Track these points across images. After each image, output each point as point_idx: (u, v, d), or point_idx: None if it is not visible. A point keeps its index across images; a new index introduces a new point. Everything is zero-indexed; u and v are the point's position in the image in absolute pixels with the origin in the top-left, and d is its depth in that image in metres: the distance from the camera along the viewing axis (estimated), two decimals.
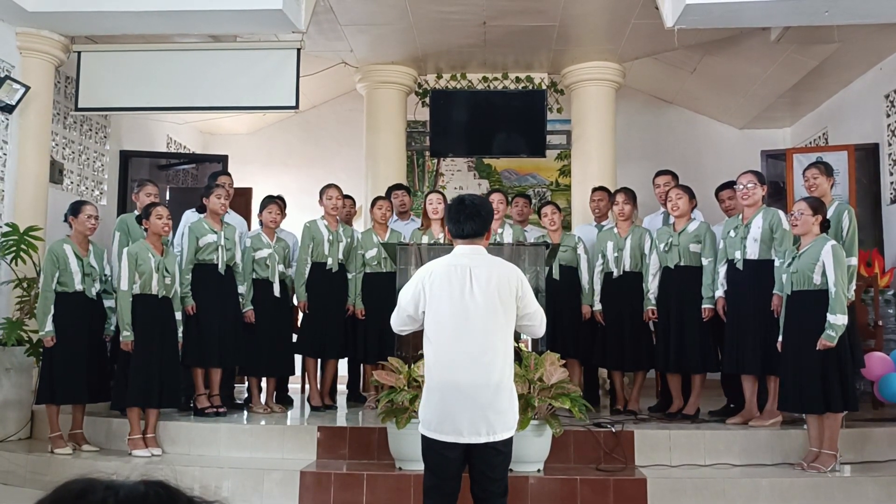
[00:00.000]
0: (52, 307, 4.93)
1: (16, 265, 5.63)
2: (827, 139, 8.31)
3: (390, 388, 4.41)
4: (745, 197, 5.00)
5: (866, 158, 7.33)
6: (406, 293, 3.07)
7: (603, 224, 6.25)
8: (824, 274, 4.32)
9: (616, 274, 5.67)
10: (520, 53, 7.98)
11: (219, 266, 5.41)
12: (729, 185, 5.57)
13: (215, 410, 5.31)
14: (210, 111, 7.68)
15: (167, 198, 7.56)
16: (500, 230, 5.92)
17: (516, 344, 4.00)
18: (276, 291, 5.73)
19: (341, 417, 5.71)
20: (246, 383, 6.20)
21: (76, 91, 6.59)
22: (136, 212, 5.53)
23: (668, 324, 5.37)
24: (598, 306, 5.75)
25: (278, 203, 5.90)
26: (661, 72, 8.49)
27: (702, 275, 5.26)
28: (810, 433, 4.47)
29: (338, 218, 6.03)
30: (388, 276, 5.62)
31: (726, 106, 9.07)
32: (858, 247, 4.97)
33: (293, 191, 7.90)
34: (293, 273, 5.95)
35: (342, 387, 6.46)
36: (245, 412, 5.72)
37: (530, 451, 4.32)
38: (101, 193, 7.62)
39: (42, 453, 4.97)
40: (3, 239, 5.63)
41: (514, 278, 3.00)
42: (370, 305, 5.90)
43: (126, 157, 7.96)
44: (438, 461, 2.97)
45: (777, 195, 7.48)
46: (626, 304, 5.61)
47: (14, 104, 5.86)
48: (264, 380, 5.89)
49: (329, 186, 5.99)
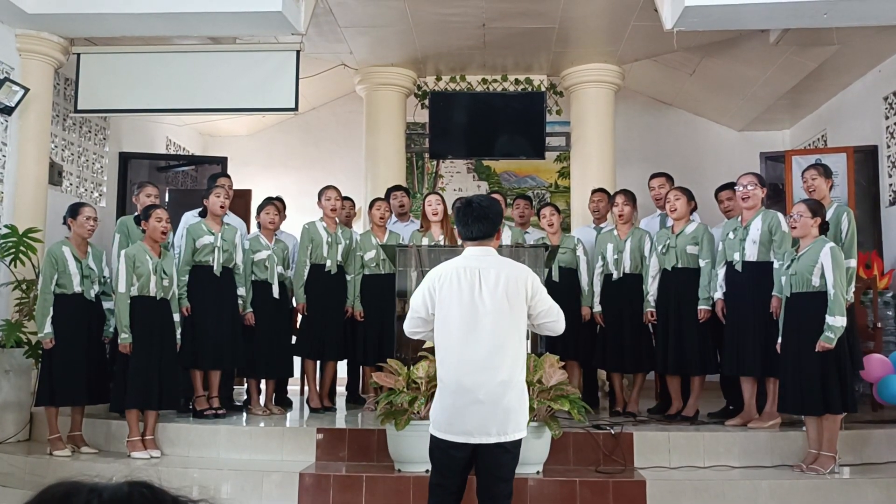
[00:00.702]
0: (51, 309, 4.93)
1: (15, 267, 5.63)
2: (826, 141, 8.31)
3: (389, 390, 4.41)
4: (745, 198, 5.00)
5: (865, 160, 7.33)
6: (417, 296, 3.10)
7: (602, 226, 6.25)
8: (823, 276, 4.32)
9: (616, 276, 5.68)
10: (519, 55, 7.98)
11: (214, 268, 5.41)
12: (729, 186, 5.57)
13: (214, 412, 5.31)
14: (209, 113, 7.68)
15: (166, 199, 7.55)
16: None
17: None
18: (275, 293, 5.73)
19: (340, 419, 5.71)
20: (245, 385, 6.20)
21: (75, 93, 6.58)
22: (136, 213, 5.52)
23: (667, 326, 5.38)
24: (598, 308, 5.75)
25: (276, 205, 5.90)
26: (661, 74, 8.50)
27: (699, 277, 5.27)
28: (809, 435, 4.47)
29: (337, 219, 6.03)
30: (387, 278, 5.62)
31: (725, 108, 9.07)
32: (857, 249, 4.97)
33: (292, 193, 7.91)
34: (292, 275, 5.96)
35: (341, 388, 6.46)
36: (244, 414, 5.72)
37: (529, 453, 4.30)
38: (101, 195, 7.62)
39: (41, 455, 4.96)
40: (3, 241, 5.63)
41: (524, 279, 3.01)
42: (369, 307, 5.90)
43: (125, 159, 7.96)
44: (445, 461, 3.00)
45: (776, 197, 7.48)
46: (626, 306, 5.61)
47: (13, 106, 5.86)
48: (263, 381, 5.89)
49: (328, 188, 5.99)
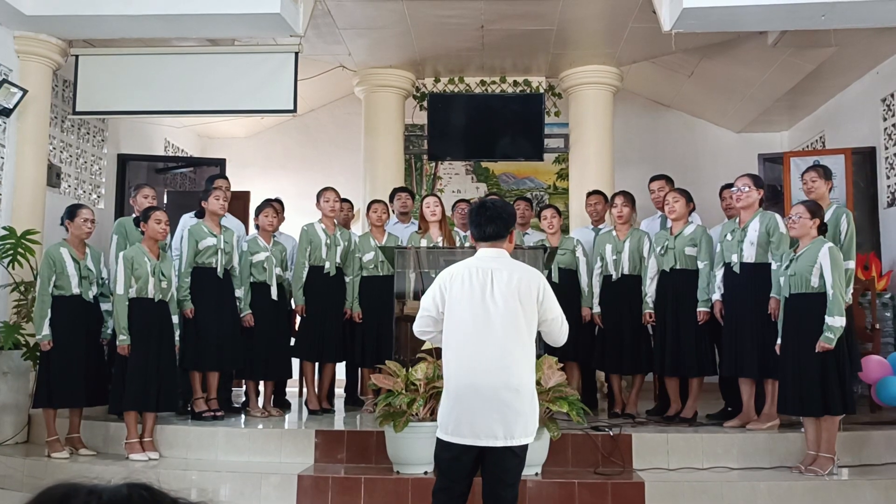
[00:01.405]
0: (49, 311, 4.93)
1: (13, 269, 5.62)
2: (824, 143, 8.32)
3: (388, 392, 4.40)
4: (739, 200, 5.01)
5: (863, 162, 7.34)
6: (428, 296, 3.08)
7: (600, 227, 6.26)
8: (822, 276, 4.33)
9: (615, 277, 5.68)
10: (518, 57, 7.99)
11: (217, 269, 5.41)
12: (732, 186, 5.58)
13: (213, 414, 5.31)
14: (208, 115, 7.67)
15: (164, 201, 7.55)
16: None
17: None
18: (274, 295, 5.73)
19: (339, 421, 5.71)
20: (243, 387, 6.20)
21: (74, 95, 6.58)
22: (135, 215, 5.52)
23: (665, 327, 5.38)
24: (597, 309, 5.75)
25: (275, 206, 5.90)
26: (659, 75, 8.50)
27: (697, 278, 5.27)
28: (808, 436, 4.47)
29: (335, 221, 6.03)
30: (386, 280, 5.62)
31: (724, 109, 9.08)
32: (856, 250, 4.98)
33: (291, 194, 7.91)
34: (290, 276, 5.95)
35: (340, 390, 6.45)
36: (243, 416, 5.72)
37: (528, 455, 4.28)
38: (99, 197, 7.62)
39: (39, 457, 4.95)
40: (1, 242, 5.62)
41: (537, 283, 2.99)
42: (368, 309, 5.90)
43: (124, 161, 7.95)
44: (452, 464, 2.96)
45: (774, 199, 7.48)
46: (625, 308, 5.61)
47: (12, 108, 5.85)
48: (262, 383, 5.89)
49: (326, 189, 5.99)
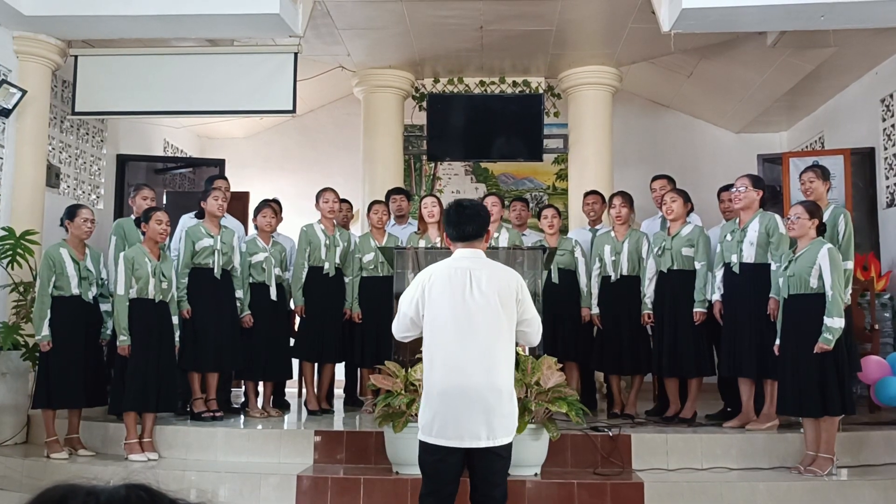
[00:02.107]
0: (49, 311, 4.92)
1: (12, 269, 5.62)
2: (823, 143, 8.33)
3: (387, 392, 4.40)
4: (738, 200, 5.02)
5: (862, 162, 7.35)
6: (406, 297, 3.05)
7: (597, 228, 6.26)
8: (821, 277, 4.33)
9: (614, 278, 5.68)
10: (517, 58, 7.99)
11: (214, 270, 5.41)
12: (730, 187, 5.58)
13: (212, 415, 5.31)
14: (207, 115, 7.67)
15: (164, 202, 7.55)
16: (497, 234, 5.91)
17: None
18: (273, 295, 5.73)
19: (338, 421, 5.71)
20: (243, 387, 6.19)
21: (73, 95, 6.58)
22: (134, 216, 5.52)
23: (664, 328, 5.38)
24: (596, 310, 5.75)
25: (273, 207, 5.89)
26: (658, 76, 8.51)
27: (695, 279, 5.27)
28: (807, 437, 4.47)
29: (335, 222, 6.03)
30: (386, 280, 5.63)
31: (723, 110, 9.08)
32: (855, 251, 4.98)
33: (290, 195, 7.91)
34: (290, 277, 5.95)
35: (339, 391, 6.46)
36: (242, 416, 5.71)
37: (527, 455, 4.32)
38: (98, 197, 7.61)
39: (38, 458, 4.95)
40: (0, 243, 5.62)
41: (514, 282, 2.99)
42: (367, 309, 5.90)
43: (123, 161, 7.95)
44: (437, 467, 2.93)
45: (773, 199, 7.49)
46: (624, 308, 5.61)
47: (11, 108, 5.85)
48: (261, 384, 5.89)
49: (325, 190, 5.99)
